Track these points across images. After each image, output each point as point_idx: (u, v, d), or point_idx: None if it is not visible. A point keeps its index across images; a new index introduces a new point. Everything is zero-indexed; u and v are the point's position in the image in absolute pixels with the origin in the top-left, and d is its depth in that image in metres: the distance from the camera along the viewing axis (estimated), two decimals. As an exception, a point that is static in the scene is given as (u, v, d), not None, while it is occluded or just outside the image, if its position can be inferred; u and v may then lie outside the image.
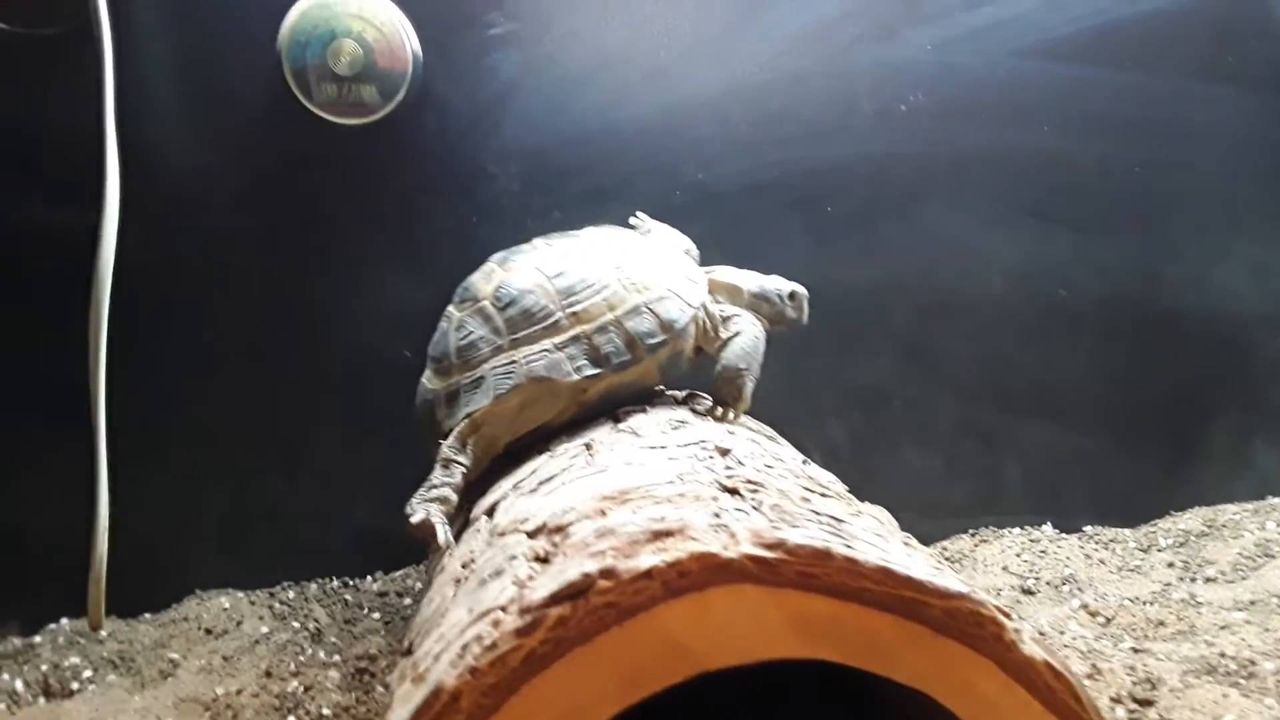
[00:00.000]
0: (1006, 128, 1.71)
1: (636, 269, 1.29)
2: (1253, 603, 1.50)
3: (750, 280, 1.43)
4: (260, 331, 1.63)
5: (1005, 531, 1.79)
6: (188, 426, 1.64)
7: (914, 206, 1.73)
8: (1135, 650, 1.35)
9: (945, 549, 1.76)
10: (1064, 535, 1.79)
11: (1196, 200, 1.77)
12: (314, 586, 1.66)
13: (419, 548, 1.70)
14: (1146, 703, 1.20)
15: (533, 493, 1.09)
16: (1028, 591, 1.59)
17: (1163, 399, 1.82)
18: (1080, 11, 1.69)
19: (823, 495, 1.03)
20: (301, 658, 1.40)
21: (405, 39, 1.55)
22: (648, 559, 0.74)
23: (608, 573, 0.73)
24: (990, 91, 1.70)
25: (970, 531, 1.80)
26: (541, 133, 1.64)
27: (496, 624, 0.74)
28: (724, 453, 1.09)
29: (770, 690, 1.03)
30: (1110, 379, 1.80)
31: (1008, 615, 0.81)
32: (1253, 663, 1.27)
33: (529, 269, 1.30)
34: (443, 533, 1.18)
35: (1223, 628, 1.42)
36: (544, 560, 0.84)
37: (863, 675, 0.77)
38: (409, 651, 0.97)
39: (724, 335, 1.35)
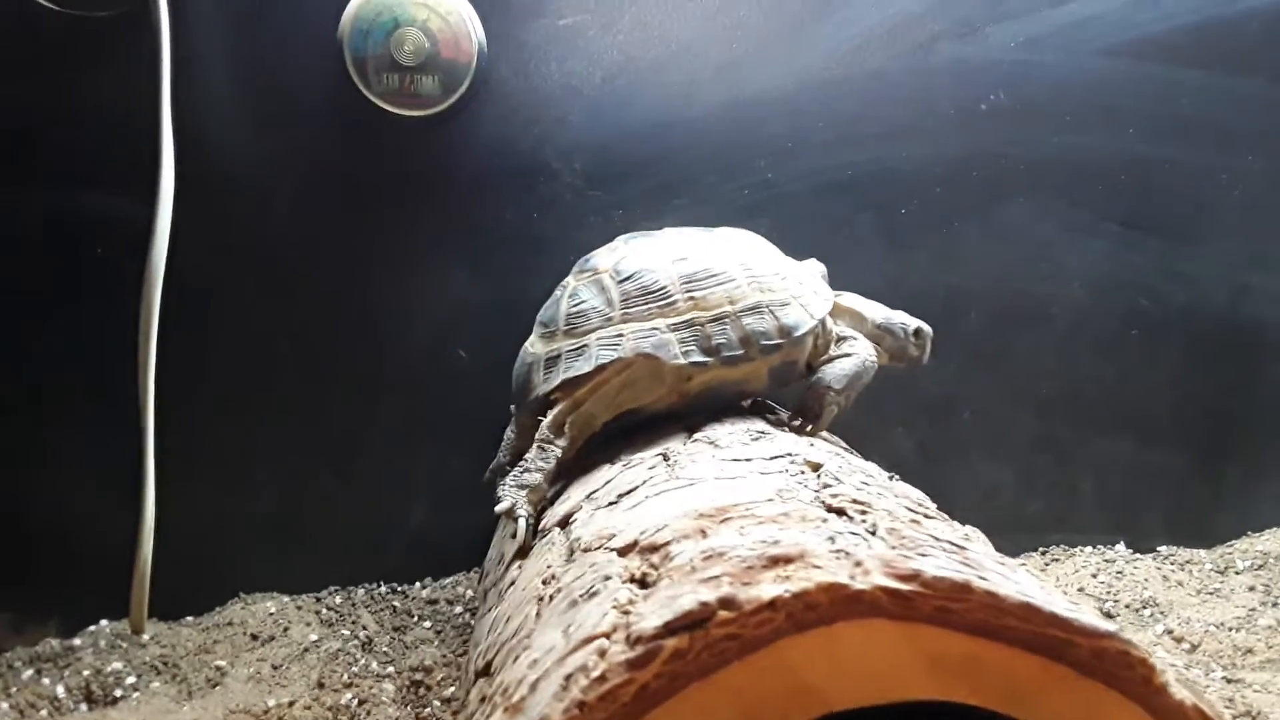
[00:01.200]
0: (1091, 130, 1.64)
1: (764, 270, 1.24)
2: (1343, 631, 1.44)
3: (876, 311, 1.39)
4: (313, 328, 1.58)
5: (1077, 550, 1.73)
6: (237, 425, 1.59)
7: (992, 210, 1.66)
8: (1229, 680, 1.29)
9: (1015, 567, 1.69)
10: (1138, 555, 1.72)
11: (1286, 209, 1.69)
12: (361, 592, 1.61)
13: (469, 554, 1.65)
14: (1252, 739, 1.14)
15: (612, 506, 1.03)
16: (1107, 615, 1.52)
17: (1244, 415, 1.74)
18: (1171, 10, 1.62)
19: (928, 517, 0.96)
20: (354, 668, 1.34)
21: (470, 29, 1.49)
22: (770, 588, 0.67)
23: (727, 602, 0.67)
24: (1075, 92, 1.63)
25: (1041, 549, 1.73)
26: (606, 127, 1.58)
27: (603, 654, 0.68)
28: (815, 468, 1.03)
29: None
30: (1191, 393, 1.73)
31: (1152, 656, 0.74)
32: (1361, 698, 1.20)
33: (654, 249, 1.26)
34: (524, 529, 1.12)
35: (1320, 659, 1.35)
36: (641, 582, 0.78)
37: (989, 715, 0.71)
38: (487, 672, 0.92)
39: (833, 353, 1.30)
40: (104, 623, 1.53)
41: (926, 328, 1.41)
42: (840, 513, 0.86)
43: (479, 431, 1.60)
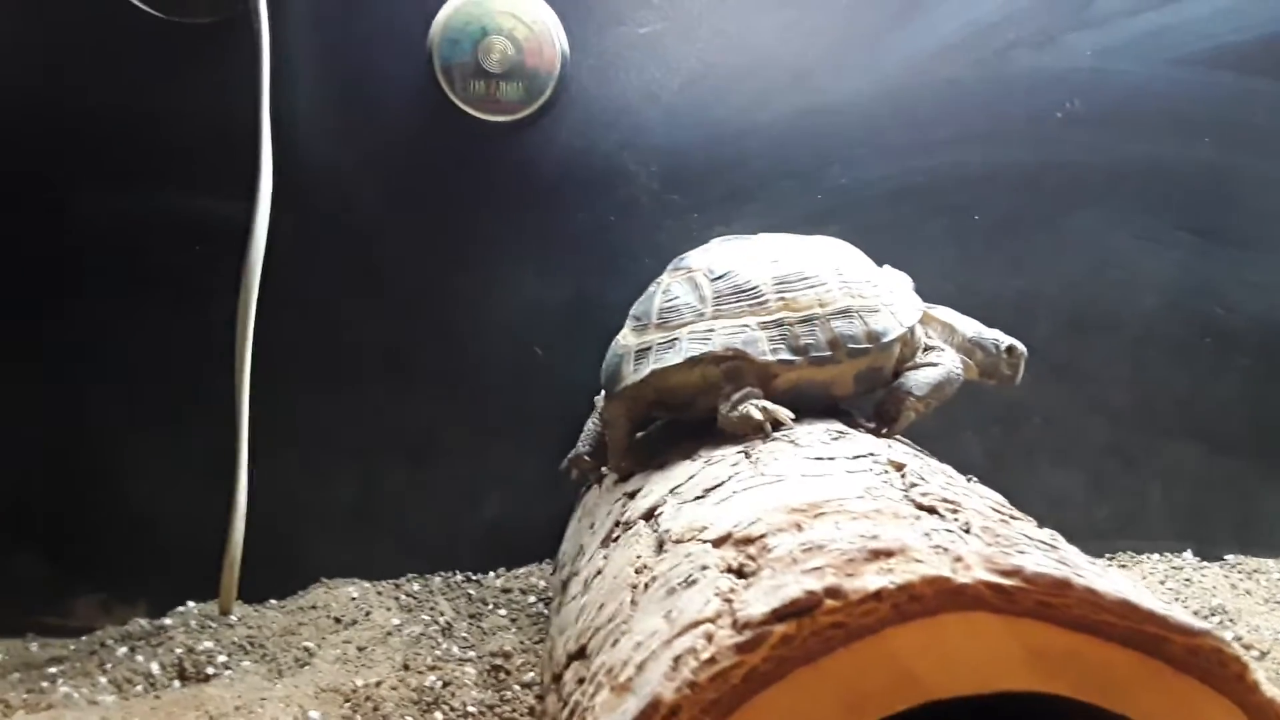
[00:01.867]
0: (1165, 138, 1.65)
1: (856, 277, 1.27)
2: None
3: (969, 325, 1.41)
4: (397, 324, 1.64)
5: (1144, 557, 1.73)
6: (322, 417, 1.65)
7: (1065, 218, 1.67)
8: (1303, 692, 1.29)
9: (1081, 573, 1.70)
10: (1206, 564, 1.72)
11: (1363, 219, 1.68)
12: (438, 580, 1.66)
13: (542, 546, 1.69)
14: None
15: (699, 500, 1.06)
16: (1177, 622, 1.52)
17: (1316, 426, 1.74)
18: (1248, 20, 1.62)
19: (1014, 518, 0.98)
20: (437, 651, 1.39)
21: (555, 37, 1.53)
22: (874, 579, 0.70)
23: (833, 591, 0.70)
24: (1150, 100, 1.64)
25: (1108, 556, 1.74)
26: (683, 132, 1.62)
27: (710, 637, 0.71)
28: (898, 467, 1.05)
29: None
30: (1263, 402, 1.73)
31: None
32: None
33: (748, 251, 1.29)
34: (787, 414, 1.18)
35: (1391, 671, 1.35)
36: (739, 573, 0.81)
37: (1081, 709, 0.73)
38: (582, 655, 0.96)
39: (919, 361, 1.32)
40: (191, 604, 1.59)
41: (1020, 346, 1.41)
42: (931, 510, 0.88)
43: (552, 427, 1.64)
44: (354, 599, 1.58)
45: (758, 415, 1.18)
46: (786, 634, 0.69)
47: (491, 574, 1.68)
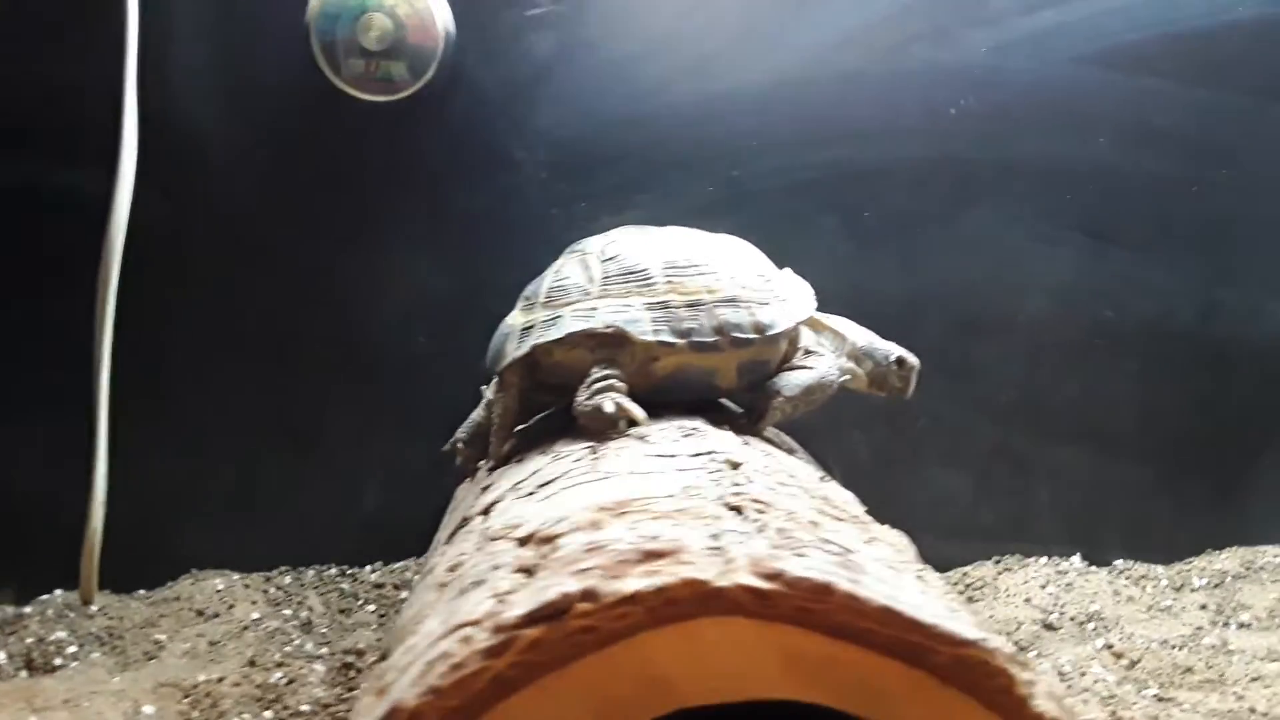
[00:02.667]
0: (1060, 138, 1.64)
1: (748, 270, 1.26)
2: (1288, 653, 1.43)
3: (861, 335, 1.39)
4: (275, 309, 1.60)
5: (1031, 560, 1.72)
6: (197, 403, 1.61)
7: (958, 216, 1.66)
8: (1160, 699, 1.28)
9: (967, 575, 1.69)
10: (1093, 568, 1.71)
11: (1258, 225, 1.69)
12: (311, 573, 1.63)
13: (421, 539, 1.66)
14: (1170, 758, 1.13)
15: (529, 496, 1.03)
16: (1050, 627, 1.51)
17: (1207, 431, 1.74)
18: (1144, 20, 1.62)
19: (836, 519, 0.96)
20: (288, 648, 1.36)
21: (439, 15, 1.50)
22: (634, 582, 0.68)
23: (588, 594, 0.67)
24: (1045, 99, 1.63)
25: (995, 559, 1.72)
26: (574, 119, 1.59)
27: (467, 641, 0.68)
28: (735, 466, 1.03)
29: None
30: (1153, 407, 1.72)
31: (1024, 665, 0.74)
32: (1287, 722, 1.19)
33: (647, 238, 1.27)
34: (640, 411, 1.15)
35: (1254, 679, 1.34)
36: (528, 572, 0.79)
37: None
38: (385, 657, 0.93)
39: (795, 363, 1.30)
40: (58, 592, 1.56)
41: (912, 359, 1.39)
42: (738, 510, 0.86)
43: (436, 418, 1.60)
44: (219, 591, 1.55)
45: (609, 408, 1.15)
46: (536, 638, 0.66)
47: (368, 568, 1.65)
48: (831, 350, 1.36)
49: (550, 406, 1.37)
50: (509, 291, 1.35)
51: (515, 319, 1.27)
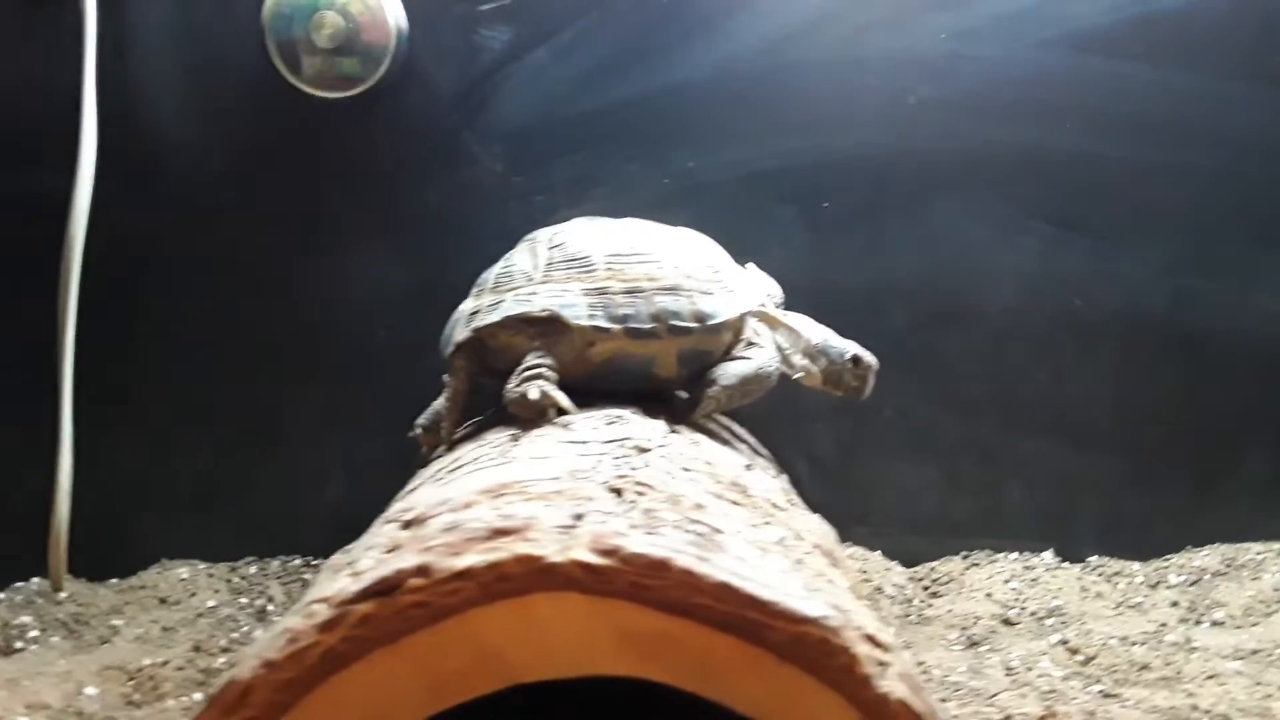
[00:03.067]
0: (1026, 124, 1.61)
1: (696, 261, 1.25)
2: (1254, 652, 1.38)
3: (817, 332, 1.37)
4: (235, 304, 1.63)
5: (1001, 556, 1.69)
6: (161, 397, 1.65)
7: (920, 206, 1.63)
8: (1106, 695, 1.25)
9: (934, 570, 1.67)
10: (1065, 565, 1.67)
11: (1234, 211, 1.64)
12: (276, 563, 1.65)
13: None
14: (1099, 753, 1.11)
15: (438, 481, 1.04)
16: (1008, 622, 1.49)
17: (1186, 424, 1.69)
18: (1114, 2, 1.57)
19: (733, 504, 0.96)
20: (235, 634, 1.38)
21: (390, 11, 1.51)
22: (468, 559, 0.68)
23: (421, 570, 0.68)
24: (1010, 85, 1.60)
25: (963, 554, 1.70)
26: (528, 113, 1.60)
27: (310, 616, 0.69)
28: (643, 451, 1.03)
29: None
30: (1128, 400, 1.68)
31: (882, 646, 0.73)
32: (1226, 718, 1.16)
33: (598, 227, 1.28)
34: (566, 400, 1.16)
35: (1210, 677, 1.31)
36: (391, 551, 0.79)
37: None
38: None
39: (735, 354, 1.28)
40: (34, 580, 1.59)
41: (868, 357, 1.37)
42: (619, 492, 0.86)
43: (397, 410, 1.62)
44: (184, 580, 1.58)
45: (534, 396, 1.16)
46: (367, 613, 0.67)
47: (331, 558, 1.66)
48: (787, 345, 1.35)
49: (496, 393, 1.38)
50: (467, 285, 1.36)
51: (466, 305, 1.29)
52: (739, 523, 0.88)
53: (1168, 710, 1.19)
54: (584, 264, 1.22)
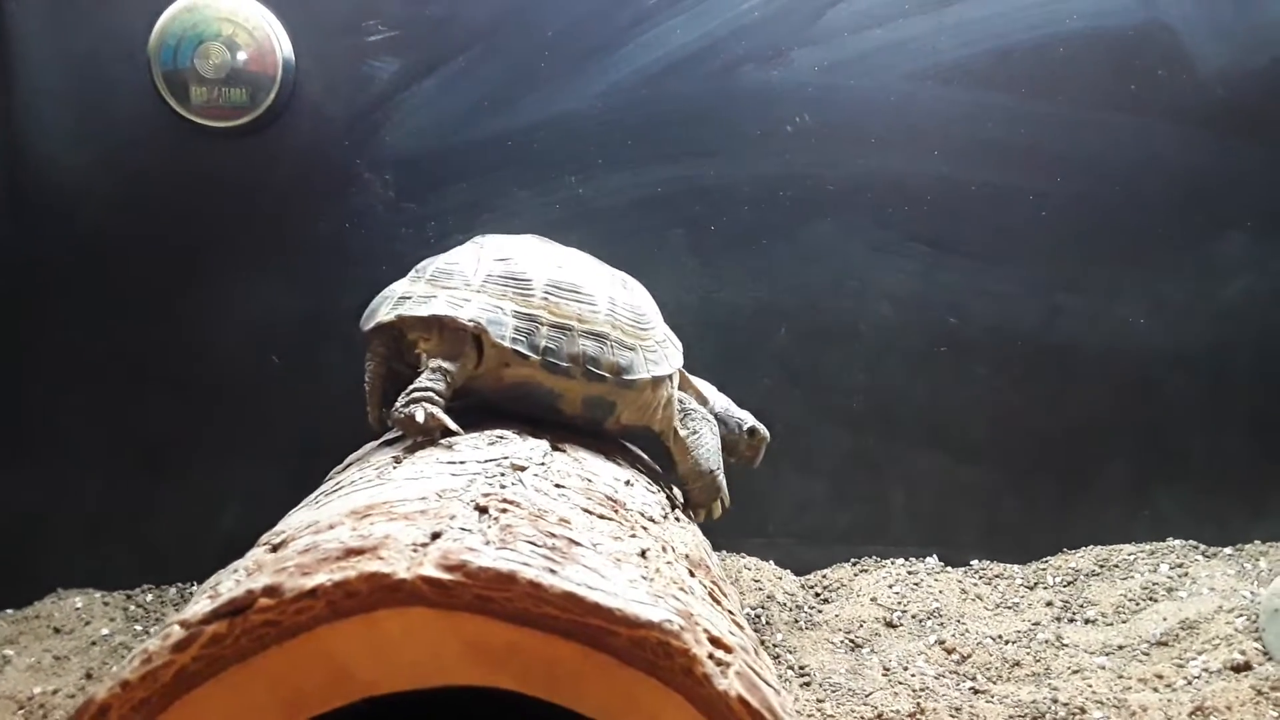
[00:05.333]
0: (896, 152, 1.69)
1: (628, 314, 1.29)
2: (1121, 647, 1.46)
3: (719, 400, 1.46)
4: (130, 333, 1.63)
5: (888, 562, 1.76)
6: (55, 425, 1.64)
7: (801, 229, 1.70)
8: (975, 691, 1.32)
9: (825, 577, 1.73)
10: (948, 569, 1.75)
11: (1095, 231, 1.73)
12: (173, 591, 1.65)
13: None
14: (963, 746, 1.17)
15: (315, 504, 1.07)
16: (890, 624, 1.55)
17: (1058, 433, 1.77)
18: (974, 35, 1.67)
19: (602, 517, 1.00)
20: (125, 663, 1.38)
21: (276, 42, 1.54)
22: (319, 577, 0.71)
23: (271, 590, 0.70)
24: (880, 115, 1.68)
25: (853, 561, 1.76)
26: (418, 141, 1.63)
27: (166, 638, 0.71)
28: (519, 469, 1.07)
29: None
30: (1003, 411, 1.76)
31: (725, 647, 0.78)
32: (1083, 710, 1.23)
33: (548, 252, 1.31)
34: (451, 423, 1.16)
35: (1075, 672, 1.38)
36: (249, 573, 0.82)
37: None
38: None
39: (681, 431, 1.36)
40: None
41: (763, 430, 1.48)
42: (484, 510, 0.89)
43: (292, 436, 1.65)
44: (78, 609, 1.57)
45: (420, 419, 1.18)
46: (217, 633, 0.69)
47: (229, 585, 1.66)
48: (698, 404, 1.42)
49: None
50: (361, 312, 1.38)
51: (399, 285, 1.29)
52: (602, 535, 0.92)
53: (1030, 704, 1.25)
54: (523, 286, 1.25)
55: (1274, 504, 1.79)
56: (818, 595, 1.69)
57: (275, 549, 0.89)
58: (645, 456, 1.45)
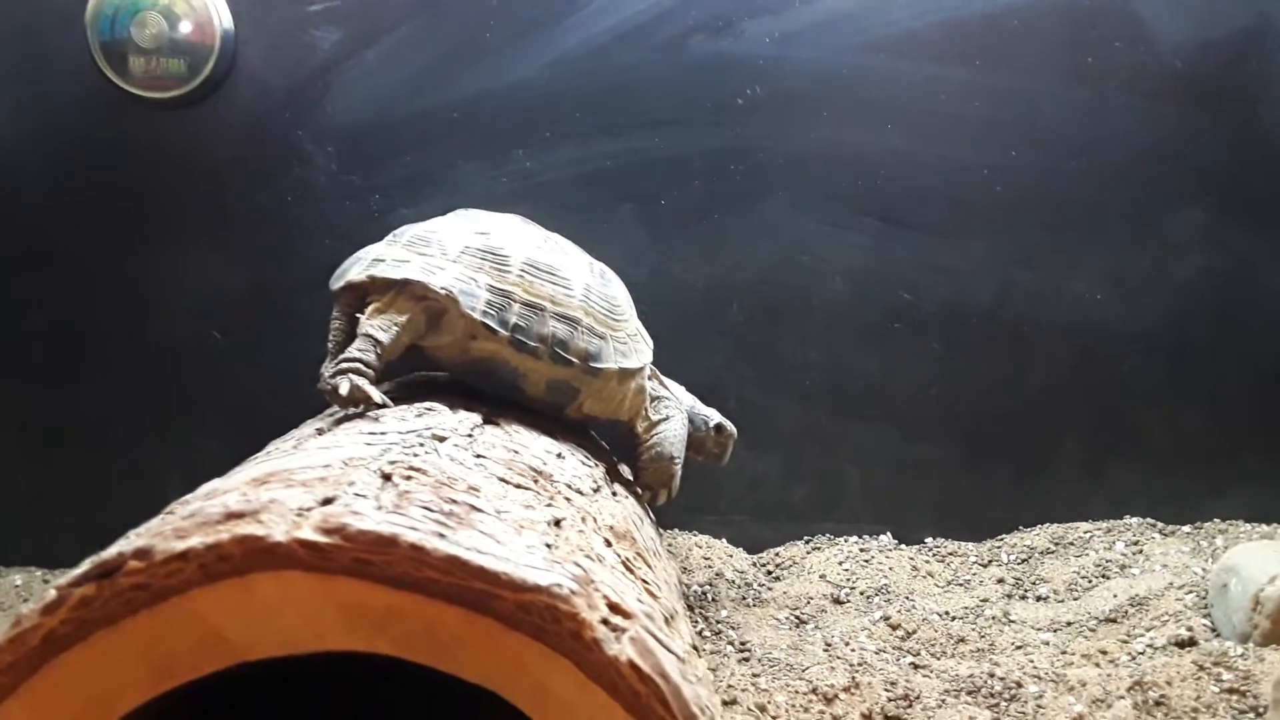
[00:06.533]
0: (849, 125, 1.66)
1: (604, 303, 1.28)
2: (1069, 624, 1.45)
3: (686, 399, 1.45)
4: (69, 309, 1.61)
5: (841, 540, 1.74)
6: (-6, 402, 1.61)
7: (753, 204, 1.68)
8: (915, 666, 1.30)
9: (778, 554, 1.71)
10: (902, 546, 1.73)
11: (1050, 206, 1.71)
12: (115, 569, 1.62)
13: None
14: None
15: (230, 474, 1.04)
16: (838, 601, 1.53)
17: (1014, 410, 1.76)
18: (927, 7, 1.64)
19: (519, 487, 0.98)
20: (54, 640, 1.36)
21: (214, 12, 1.52)
22: (192, 540, 0.69)
23: (142, 553, 0.69)
24: (832, 87, 1.65)
25: (806, 539, 1.75)
26: (361, 113, 1.61)
27: (41, 602, 0.70)
28: (440, 440, 1.05)
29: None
30: (958, 388, 1.75)
31: (624, 613, 0.76)
32: (1020, 685, 1.22)
33: (527, 232, 1.29)
34: (377, 394, 1.14)
35: (1019, 648, 1.37)
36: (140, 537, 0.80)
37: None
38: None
39: (653, 415, 1.36)
40: None
41: (729, 426, 1.48)
42: (388, 477, 0.87)
43: (234, 410, 1.62)
44: (18, 586, 1.55)
45: (344, 390, 1.16)
46: (85, 596, 0.68)
47: (173, 562, 1.65)
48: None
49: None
50: (304, 286, 1.36)
51: (373, 248, 1.26)
52: (513, 504, 0.90)
53: (966, 679, 1.24)
54: (500, 261, 1.23)
55: (1233, 482, 1.77)
56: (769, 573, 1.68)
57: (172, 514, 0.87)
58: (600, 441, 1.43)
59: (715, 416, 1.48)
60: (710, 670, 1.29)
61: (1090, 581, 1.60)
